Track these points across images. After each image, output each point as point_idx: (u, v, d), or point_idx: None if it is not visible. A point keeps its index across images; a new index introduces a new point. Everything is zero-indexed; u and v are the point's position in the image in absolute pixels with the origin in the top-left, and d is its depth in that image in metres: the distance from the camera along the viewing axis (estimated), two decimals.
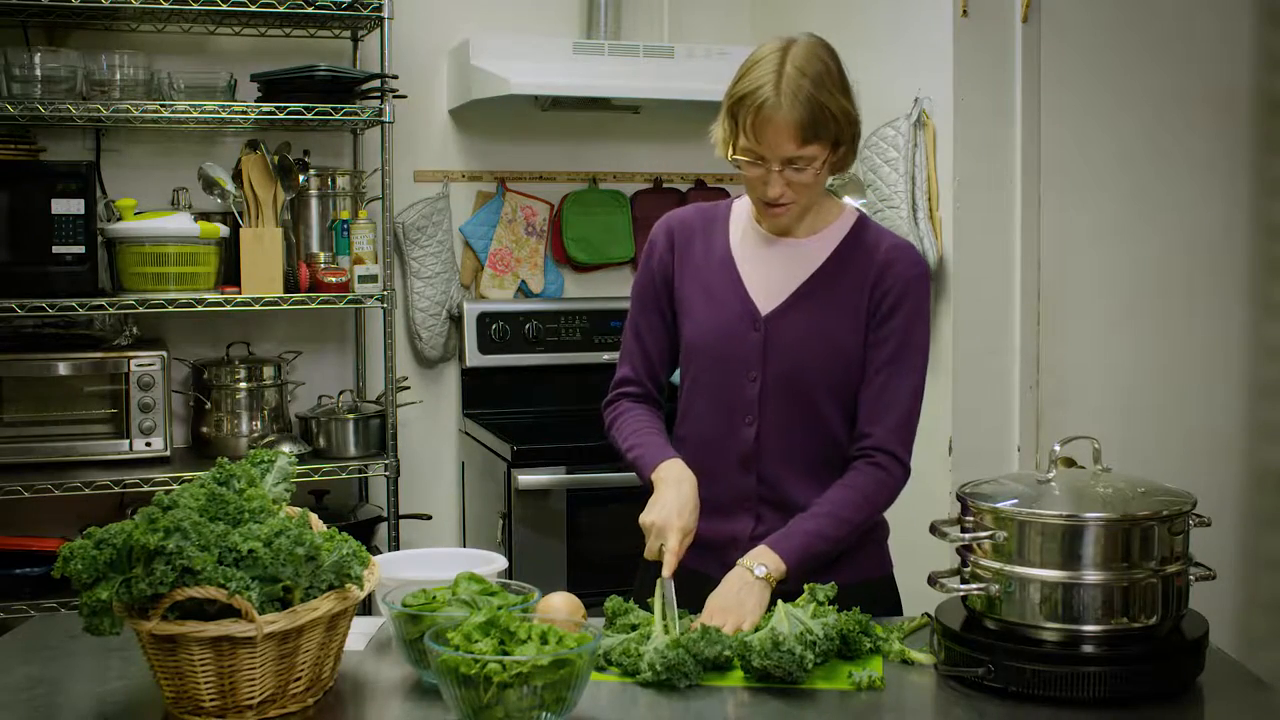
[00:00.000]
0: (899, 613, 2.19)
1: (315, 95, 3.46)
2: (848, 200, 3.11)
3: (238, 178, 3.48)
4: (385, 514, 3.67)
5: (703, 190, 4.19)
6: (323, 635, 1.69)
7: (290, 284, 3.52)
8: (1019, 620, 1.75)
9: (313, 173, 3.68)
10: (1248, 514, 3.36)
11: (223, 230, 3.46)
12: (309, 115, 3.45)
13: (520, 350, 3.95)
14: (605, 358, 3.91)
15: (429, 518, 3.92)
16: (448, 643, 1.61)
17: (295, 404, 3.80)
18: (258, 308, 3.44)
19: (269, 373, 3.67)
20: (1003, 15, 3.11)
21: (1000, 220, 3.14)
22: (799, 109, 1.96)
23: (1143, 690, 1.70)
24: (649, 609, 1.93)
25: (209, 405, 3.60)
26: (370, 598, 1.88)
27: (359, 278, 3.53)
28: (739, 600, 1.93)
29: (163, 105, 3.38)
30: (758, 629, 1.87)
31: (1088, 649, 1.72)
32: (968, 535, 1.80)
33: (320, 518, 1.83)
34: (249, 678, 1.62)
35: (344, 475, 3.62)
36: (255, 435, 3.59)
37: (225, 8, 3.34)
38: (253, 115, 3.48)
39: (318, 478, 3.53)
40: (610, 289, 4.15)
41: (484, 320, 3.92)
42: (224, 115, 3.45)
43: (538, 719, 1.56)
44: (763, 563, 1.97)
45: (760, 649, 1.77)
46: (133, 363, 3.41)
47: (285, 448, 3.49)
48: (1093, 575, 1.72)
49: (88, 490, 3.28)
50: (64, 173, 3.31)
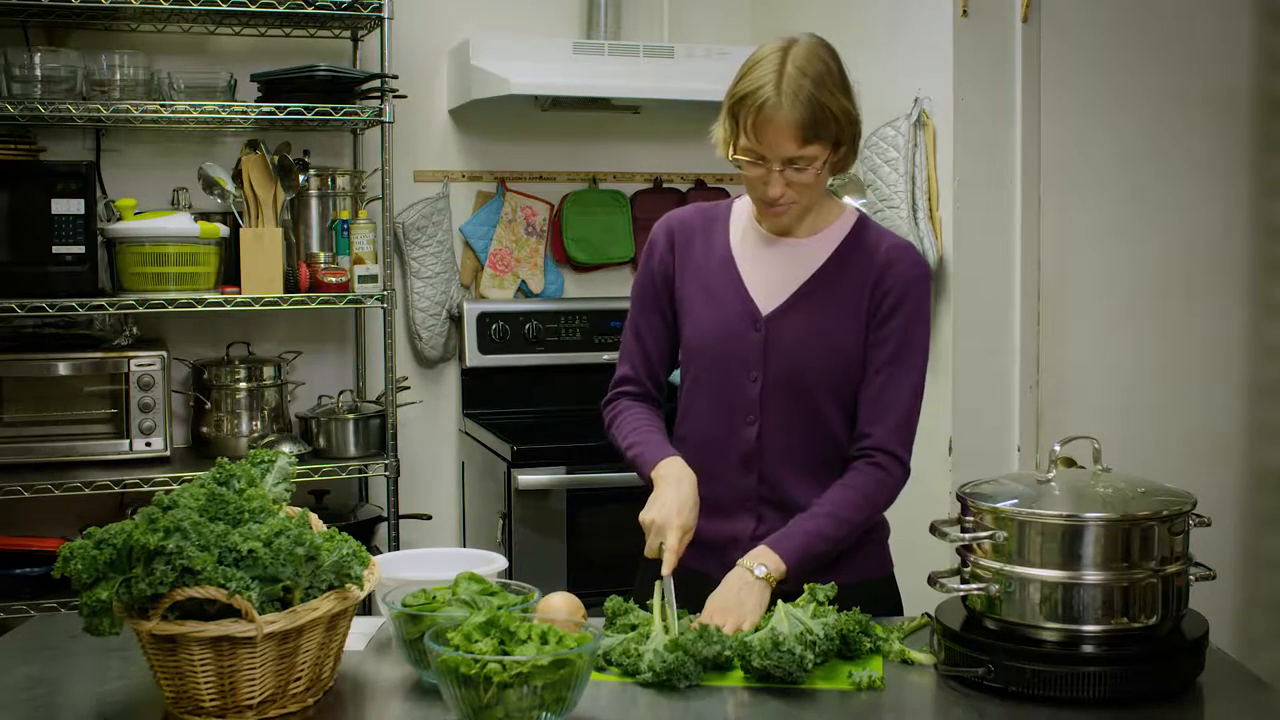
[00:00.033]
0: (899, 613, 2.18)
1: (315, 95, 3.46)
2: (848, 200, 3.11)
3: (238, 178, 3.48)
4: (385, 514, 3.67)
5: (703, 190, 4.19)
6: (323, 635, 1.69)
7: (290, 284, 3.52)
8: (1019, 620, 1.75)
9: (313, 173, 3.68)
10: (1248, 514, 3.36)
11: (223, 230, 3.46)
12: (309, 115, 3.45)
13: (520, 350, 3.95)
14: (605, 358, 3.91)
15: (429, 518, 3.92)
16: (448, 643, 1.61)
17: (295, 404, 3.80)
18: (258, 308, 3.44)
19: (269, 373, 3.66)
20: (1003, 15, 3.11)
21: (1000, 220, 3.14)
22: (800, 109, 1.96)
23: (1143, 690, 1.70)
24: (649, 610, 1.93)
25: (209, 405, 3.60)
26: (370, 598, 1.88)
27: (359, 278, 3.53)
28: (739, 600, 1.93)
29: (163, 105, 3.38)
30: (758, 629, 1.87)
31: (1088, 649, 1.72)
32: (968, 535, 1.80)
33: (320, 518, 1.83)
34: (249, 678, 1.62)
35: (344, 475, 3.62)
36: (255, 435, 3.59)
37: (225, 8, 3.34)
38: (253, 115, 3.48)
39: (318, 478, 3.53)
40: (610, 289, 4.15)
41: (484, 320, 3.92)
42: (224, 115, 3.45)
43: (538, 719, 1.56)
44: (763, 563, 1.97)
45: (760, 649, 1.77)
46: (133, 363, 3.41)
47: (285, 448, 3.49)
48: (1093, 575, 1.72)
49: (88, 490, 3.28)
50: (64, 173, 3.31)
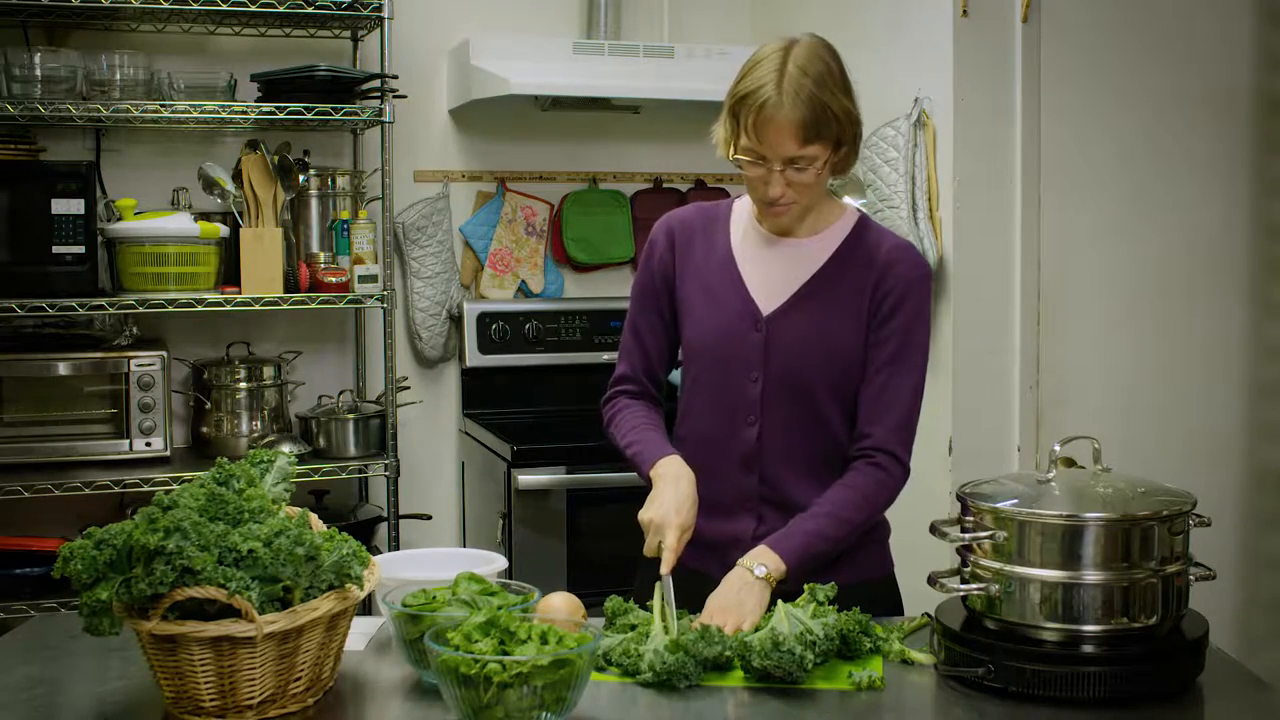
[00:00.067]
0: (900, 613, 2.18)
1: (315, 95, 3.46)
2: (848, 200, 3.11)
3: (238, 178, 3.48)
4: (385, 514, 3.67)
5: (703, 190, 4.19)
6: (323, 635, 1.69)
7: (290, 284, 3.52)
8: (1019, 620, 1.75)
9: (313, 173, 3.68)
10: (1248, 514, 3.36)
11: (223, 230, 3.46)
12: (309, 115, 3.45)
13: (520, 350, 3.95)
14: (605, 358, 3.91)
15: (429, 518, 3.92)
16: (448, 643, 1.61)
17: (295, 404, 3.80)
18: (258, 308, 3.44)
19: (269, 373, 3.66)
20: (1003, 15, 3.11)
21: (1000, 220, 3.14)
22: (800, 108, 1.96)
23: (1143, 690, 1.70)
24: (649, 610, 1.93)
25: (209, 405, 3.60)
26: (370, 598, 1.88)
27: (359, 278, 3.53)
28: (739, 600, 1.93)
29: (163, 105, 3.38)
30: (758, 629, 1.87)
31: (1088, 649, 1.72)
32: (968, 535, 1.80)
33: (320, 518, 1.83)
34: (249, 678, 1.62)
35: (344, 475, 3.62)
36: (255, 435, 3.59)
37: (225, 8, 3.34)
38: (253, 115, 3.48)
39: (318, 478, 3.53)
40: (610, 289, 4.15)
41: (484, 320, 3.92)
42: (224, 115, 3.45)
43: (538, 719, 1.56)
44: (763, 563, 1.97)
45: (760, 649, 1.77)
46: (133, 363, 3.40)
47: (285, 448, 3.49)
48: (1093, 575, 1.72)
49: (88, 490, 3.28)
50: (64, 173, 3.31)
